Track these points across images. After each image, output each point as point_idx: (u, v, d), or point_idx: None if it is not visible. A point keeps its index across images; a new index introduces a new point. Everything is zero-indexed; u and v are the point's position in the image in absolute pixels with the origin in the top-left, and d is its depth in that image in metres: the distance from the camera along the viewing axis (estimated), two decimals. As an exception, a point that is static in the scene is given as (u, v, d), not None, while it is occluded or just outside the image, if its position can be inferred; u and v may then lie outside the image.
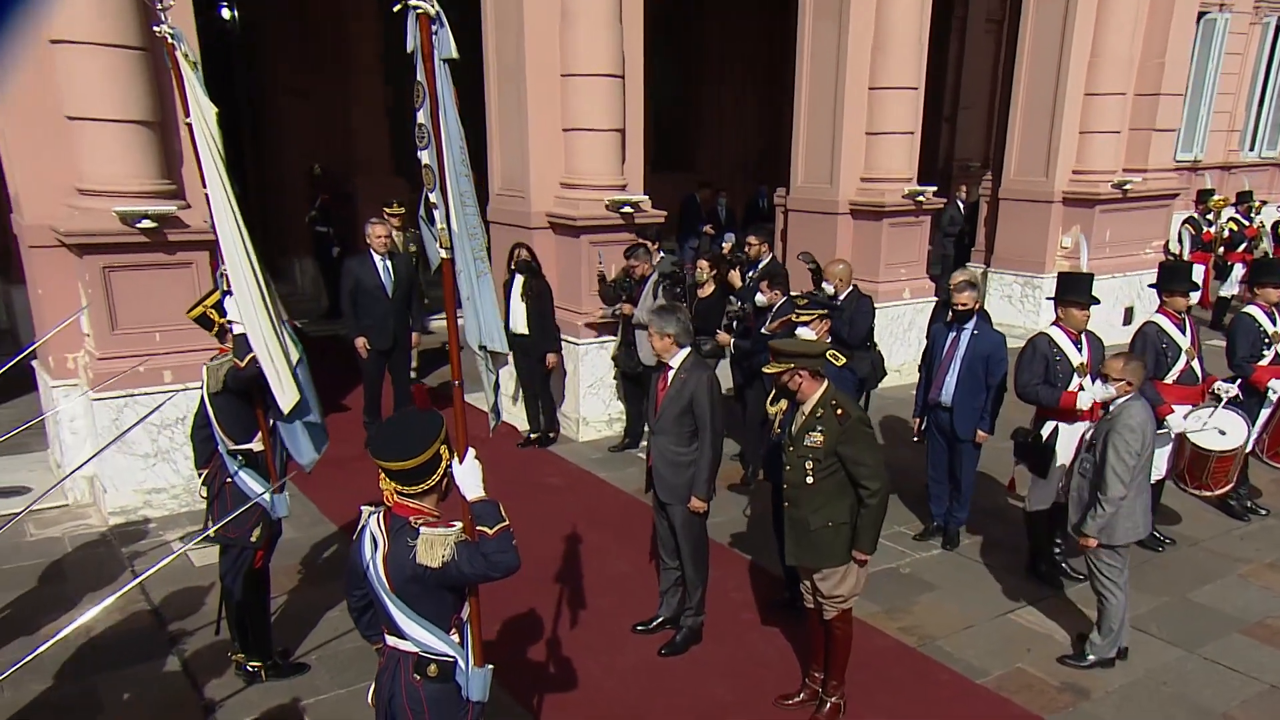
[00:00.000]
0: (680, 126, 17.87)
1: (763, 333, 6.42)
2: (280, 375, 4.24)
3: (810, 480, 4.26)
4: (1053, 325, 5.90)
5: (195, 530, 6.04)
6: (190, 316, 4.65)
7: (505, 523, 2.91)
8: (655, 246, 8.28)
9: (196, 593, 5.59)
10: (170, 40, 4.09)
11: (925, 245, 10.65)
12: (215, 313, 4.52)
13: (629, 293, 7.76)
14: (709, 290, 7.65)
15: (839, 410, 4.20)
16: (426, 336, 9.43)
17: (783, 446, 4.47)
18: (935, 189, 10.32)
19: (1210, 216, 11.82)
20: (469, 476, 2.97)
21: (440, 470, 2.95)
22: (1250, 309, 6.58)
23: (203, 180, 4.21)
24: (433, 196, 2.80)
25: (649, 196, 8.49)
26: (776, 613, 5.52)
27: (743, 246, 8.25)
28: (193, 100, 4.10)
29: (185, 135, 4.16)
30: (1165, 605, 5.70)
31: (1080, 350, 5.76)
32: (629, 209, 8.13)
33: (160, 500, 6.65)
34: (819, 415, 4.23)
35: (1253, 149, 18.40)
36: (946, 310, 6.36)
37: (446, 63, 2.76)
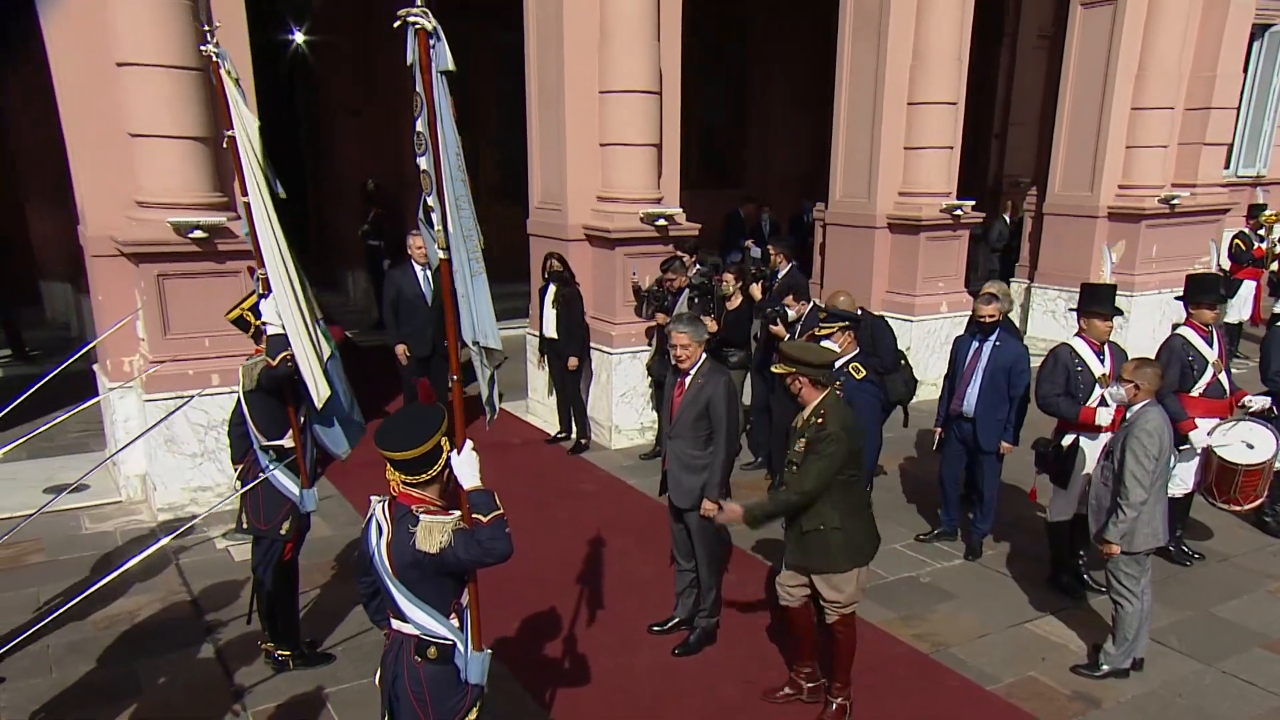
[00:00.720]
0: (729, 144, 18.12)
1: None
2: (314, 372, 4.48)
3: None
4: (1075, 336, 5.91)
5: (230, 529, 6.35)
6: (228, 318, 4.92)
7: (499, 511, 3.07)
8: (693, 259, 8.42)
9: (233, 586, 5.85)
10: (215, 58, 4.39)
11: (963, 259, 10.60)
12: (251, 315, 4.78)
13: (663, 304, 7.92)
14: (736, 302, 7.75)
15: (821, 419, 4.28)
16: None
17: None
18: (974, 203, 10.29)
19: (1262, 232, 11.56)
20: (466, 466, 3.13)
21: (441, 461, 3.11)
22: (1288, 324, 6.49)
23: (243, 188, 4.49)
24: (430, 200, 2.97)
25: (694, 211, 8.64)
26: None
27: (768, 259, 8.35)
28: (235, 113, 4.39)
29: (228, 146, 4.44)
30: (1187, 619, 5.64)
31: (1103, 361, 5.75)
32: (663, 221, 8.29)
33: (206, 498, 6.94)
34: (810, 423, 4.32)
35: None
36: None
37: (444, 75, 2.95)
